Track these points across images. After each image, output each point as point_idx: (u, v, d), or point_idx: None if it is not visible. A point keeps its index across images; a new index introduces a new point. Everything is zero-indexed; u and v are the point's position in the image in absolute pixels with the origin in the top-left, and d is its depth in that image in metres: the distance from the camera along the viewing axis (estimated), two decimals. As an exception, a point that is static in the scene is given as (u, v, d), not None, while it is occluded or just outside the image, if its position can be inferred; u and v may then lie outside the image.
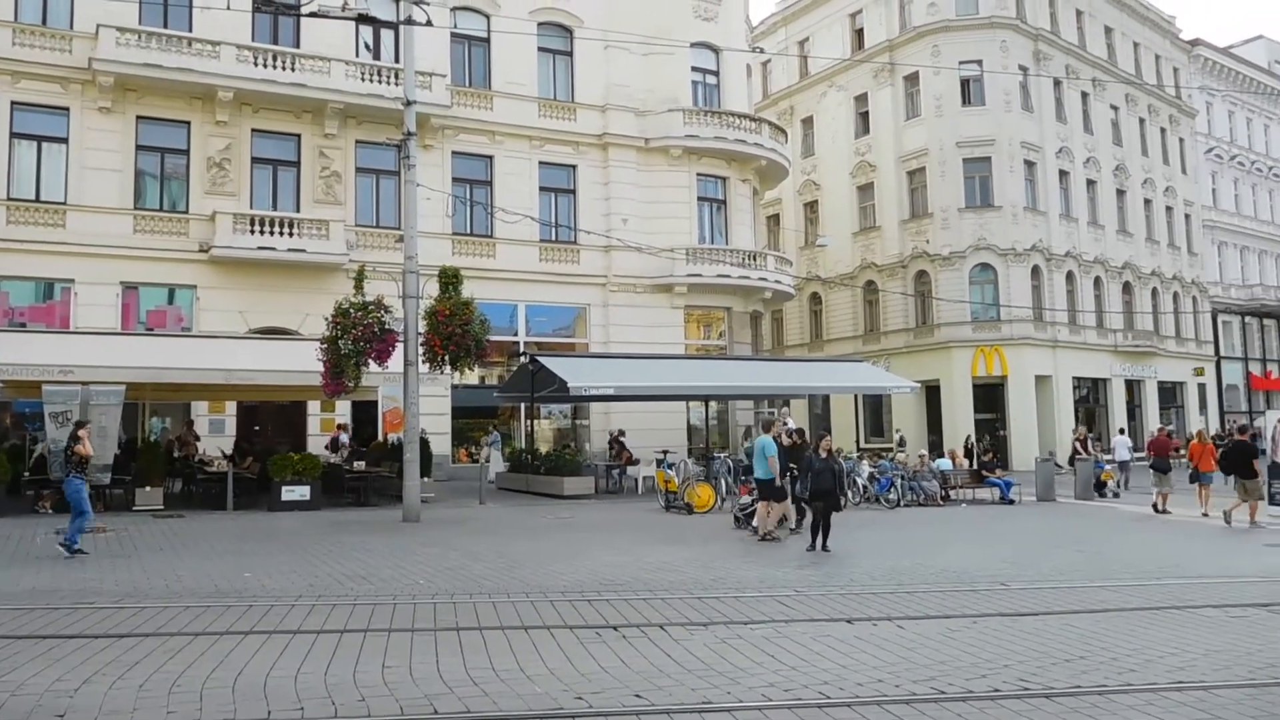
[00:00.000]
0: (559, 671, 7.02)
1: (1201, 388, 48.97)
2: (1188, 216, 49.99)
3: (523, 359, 25.12)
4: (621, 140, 30.10)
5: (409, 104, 19.13)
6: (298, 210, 25.88)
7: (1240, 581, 11.50)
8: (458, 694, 6.42)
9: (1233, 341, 52.48)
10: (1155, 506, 20.60)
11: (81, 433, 13.41)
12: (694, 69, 31.92)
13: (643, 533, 16.45)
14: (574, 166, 29.85)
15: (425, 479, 20.27)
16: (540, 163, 29.34)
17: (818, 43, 45.66)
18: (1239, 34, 67.08)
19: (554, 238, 29.42)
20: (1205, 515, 19.39)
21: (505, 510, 20.50)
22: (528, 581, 11.02)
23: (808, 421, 43.03)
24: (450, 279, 18.77)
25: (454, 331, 18.02)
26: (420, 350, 18.31)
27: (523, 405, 28.03)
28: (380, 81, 26.14)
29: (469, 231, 28.31)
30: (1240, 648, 7.83)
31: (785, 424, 18.37)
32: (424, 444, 20.16)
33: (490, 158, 28.65)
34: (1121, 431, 34.60)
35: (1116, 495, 24.97)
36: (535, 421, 28.52)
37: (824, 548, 13.88)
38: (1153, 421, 42.64)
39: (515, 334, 28.67)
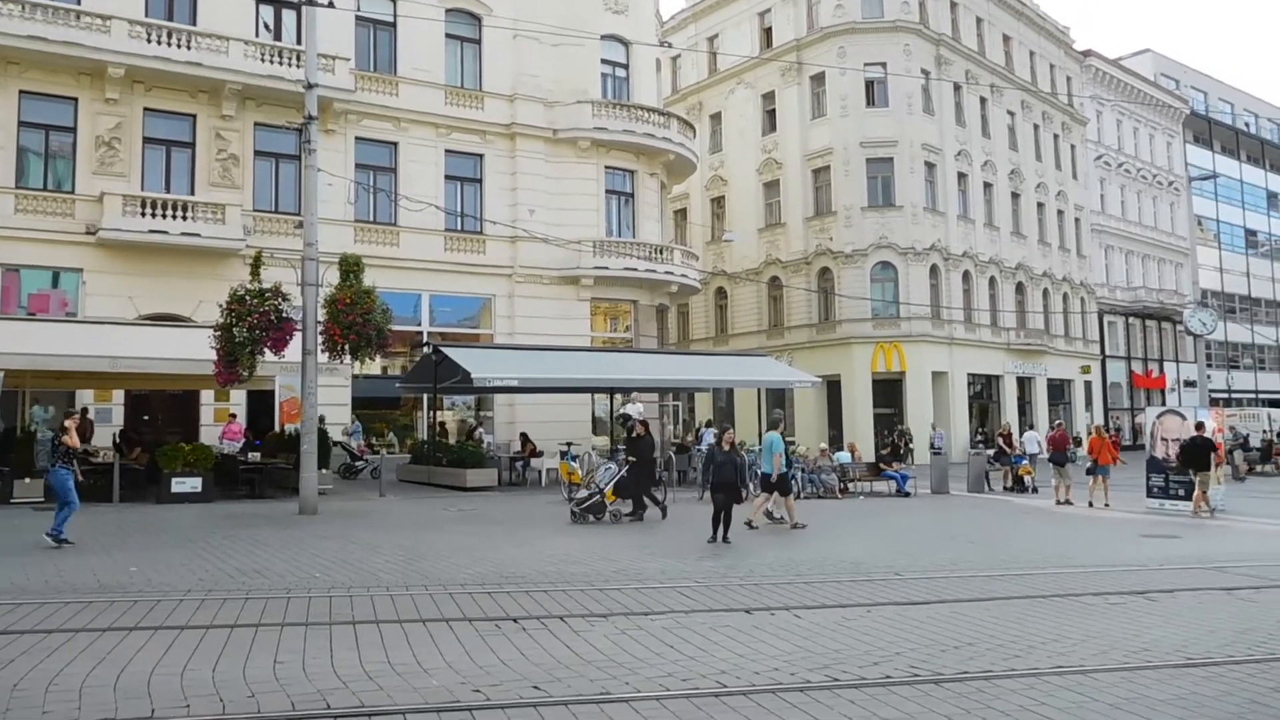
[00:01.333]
0: (457, 665, 6.95)
1: (1088, 385, 50.95)
2: (1077, 220, 51.89)
3: (426, 349, 24.76)
4: (530, 131, 29.87)
5: (310, 87, 18.65)
6: (192, 193, 25.02)
7: (1119, 570, 11.99)
8: (352, 689, 6.29)
9: (1117, 341, 54.69)
10: (1058, 501, 21.49)
11: (69, 423, 13.10)
12: (604, 61, 31.84)
13: (545, 525, 16.39)
14: (481, 156, 29.51)
15: (323, 471, 19.87)
16: (446, 151, 28.92)
17: (727, 40, 46.06)
18: (1128, 46, 69.99)
19: (460, 227, 29.07)
20: (1106, 506, 20.60)
21: (406, 503, 20.19)
22: (427, 575, 10.87)
23: (712, 414, 43.56)
24: (351, 267, 18.39)
25: (355, 321, 17.66)
26: (319, 339, 17.90)
27: (425, 396, 27.65)
28: (281, 63, 25.43)
29: (372, 219, 27.76)
30: (1117, 633, 8.16)
31: (632, 414, 18.53)
32: (322, 435, 19.75)
33: (395, 144, 28.12)
34: (1031, 428, 35.88)
35: (1036, 490, 24.58)
36: (438, 413, 28.14)
37: (725, 539, 14.01)
38: (1042, 417, 44.24)
39: (419, 324, 28.22)
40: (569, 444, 23.56)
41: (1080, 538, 15.83)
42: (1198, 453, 19.47)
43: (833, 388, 39.31)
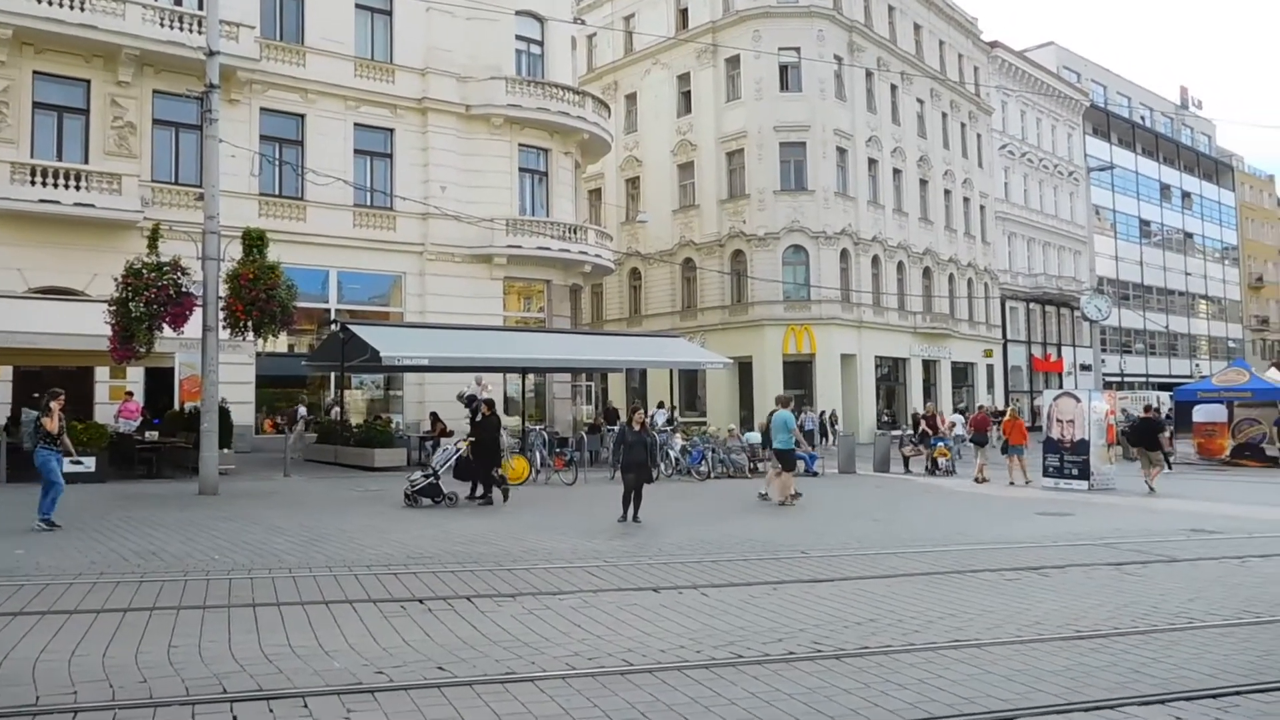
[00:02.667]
0: (359, 646, 6.84)
1: (990, 368, 52.46)
2: (982, 208, 53.24)
3: (333, 327, 24.26)
4: (442, 106, 29.38)
5: (212, 54, 18.02)
6: (86, 162, 23.98)
7: (1014, 547, 12.38)
8: (250, 672, 6.15)
9: (1018, 326, 56.37)
10: (977, 478, 22.14)
11: (54, 404, 12.62)
12: (518, 38, 31.46)
13: (453, 506, 16.22)
14: (391, 130, 28.93)
15: (225, 450, 19.34)
16: (356, 125, 28.27)
17: (643, 20, 45.94)
18: (1033, 39, 71.82)
19: (369, 203, 28.48)
20: (1028, 483, 21.59)
21: (311, 483, 19.80)
22: (331, 556, 10.67)
23: (624, 395, 43.66)
24: (255, 241, 17.89)
25: (258, 297, 17.20)
26: (221, 315, 17.39)
27: (333, 375, 27.12)
28: (181, 28, 24.50)
29: (278, 193, 27.00)
30: (1011, 608, 8.42)
31: (480, 394, 18.34)
32: (224, 414, 19.21)
33: (302, 116, 27.39)
34: (957, 409, 36.82)
35: (950, 473, 24.63)
36: (346, 391, 27.64)
37: (635, 519, 14.06)
38: (947, 399, 45.38)
39: (326, 301, 27.61)
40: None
41: (979, 516, 16.30)
42: (1147, 432, 21.45)
43: (744, 369, 39.74)
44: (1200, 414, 30.19)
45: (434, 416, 26.45)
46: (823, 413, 36.48)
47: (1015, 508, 17.49)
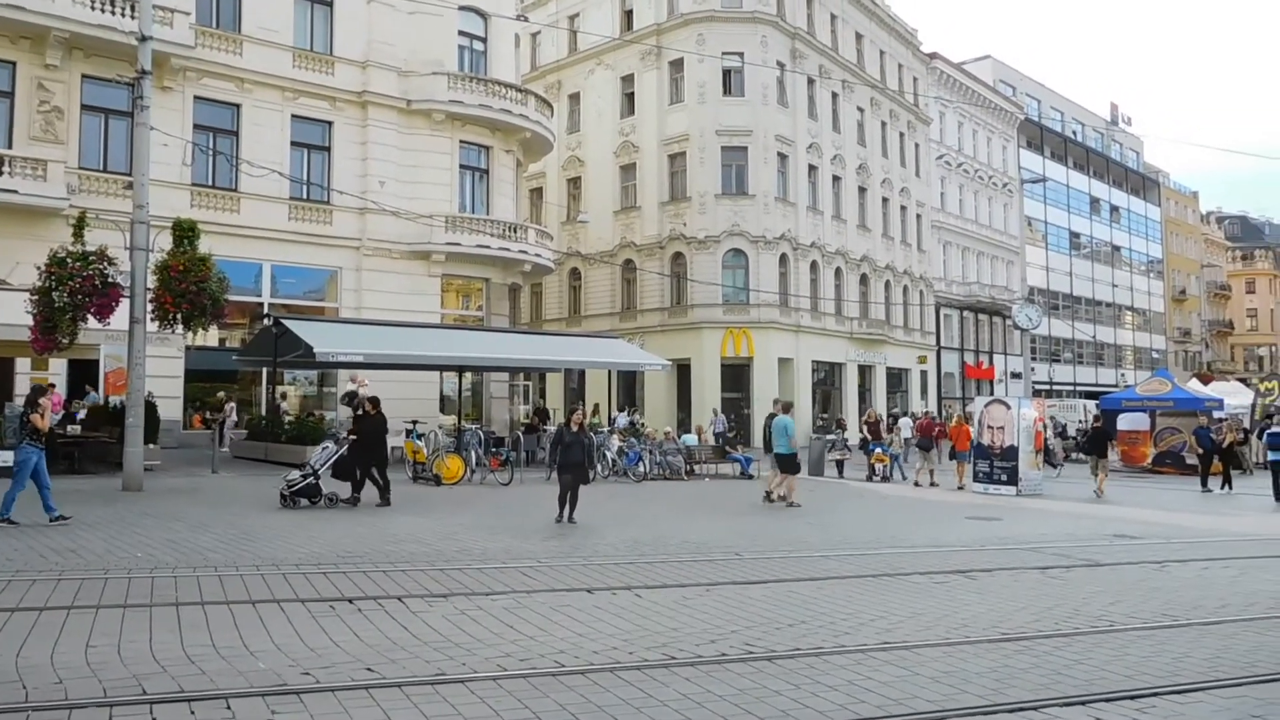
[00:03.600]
0: (286, 647, 6.71)
1: (924, 374, 53.26)
2: (919, 216, 54.06)
3: (266, 321, 23.82)
4: (382, 100, 29.00)
5: (144, 39, 17.59)
6: (10, 147, 23.23)
7: (943, 551, 12.58)
8: (171, 673, 5.99)
9: (952, 333, 57.34)
10: (917, 482, 22.40)
11: (43, 400, 12.52)
12: (461, 33, 31.19)
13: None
14: (330, 123, 28.48)
15: (151, 445, 18.87)
16: (293, 116, 27.78)
17: (588, 19, 45.85)
18: (971, 52, 73.24)
19: (306, 196, 28.01)
20: (961, 488, 21.95)
21: (240, 480, 19.42)
22: (259, 554, 10.47)
23: (562, 395, 43.54)
24: (186, 232, 17.50)
25: (188, 289, 16.83)
26: (149, 307, 16.98)
27: (265, 370, 26.63)
28: (113, 12, 23.84)
29: (211, 183, 26.42)
30: (940, 611, 8.55)
31: (359, 390, 17.98)
32: (150, 408, 18.75)
33: (238, 106, 26.84)
34: (908, 415, 37.28)
35: (886, 479, 24.50)
36: (278, 387, 27.16)
37: (570, 519, 14.02)
38: (881, 405, 45.98)
39: (259, 295, 27.07)
40: (415, 422, 23.09)
41: (909, 519, 16.54)
42: (1099, 440, 23.17)
43: (682, 371, 39.85)
44: (1124, 422, 31.03)
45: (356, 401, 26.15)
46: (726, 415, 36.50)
47: (945, 512, 17.78)
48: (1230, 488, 23.51)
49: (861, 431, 26.62)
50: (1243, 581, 10.57)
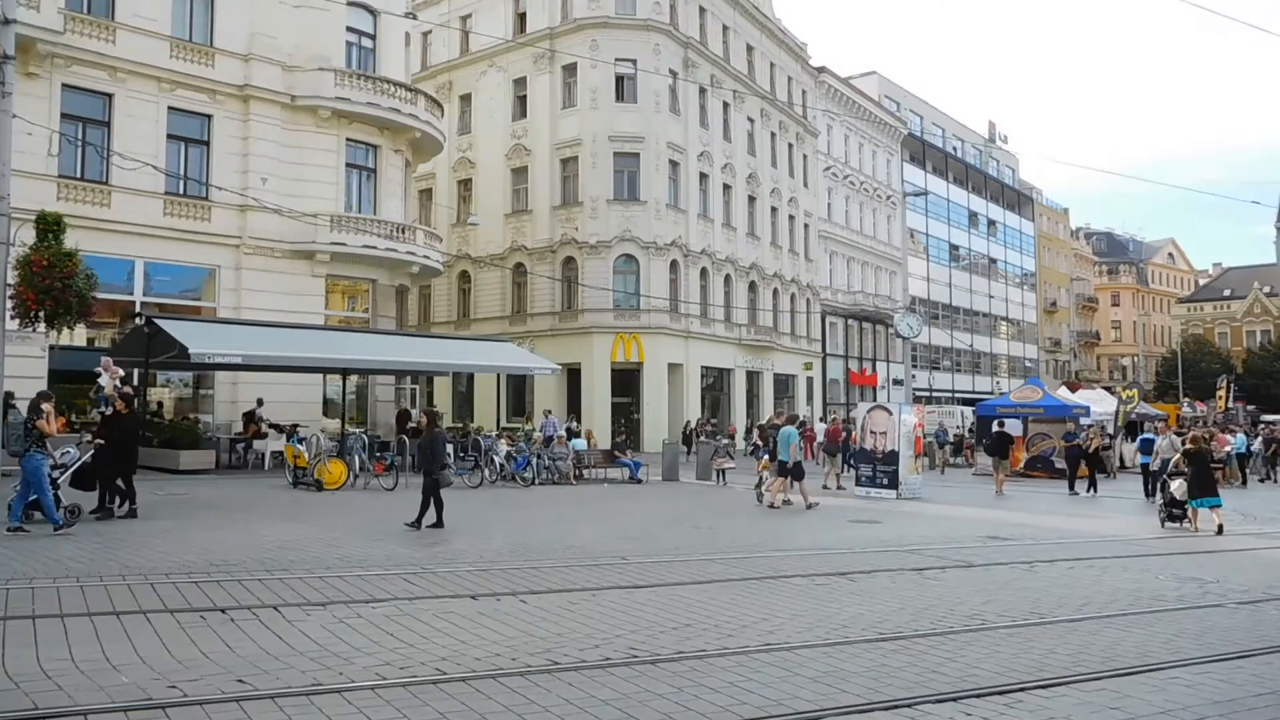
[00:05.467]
0: (152, 660, 6.44)
1: (810, 381, 54.34)
2: (806, 226, 55.17)
3: (138, 320, 22.82)
4: (265, 94, 28.12)
5: (7, 22, 16.61)
6: None
7: (825, 554, 12.82)
8: (25, 689, 5.69)
9: (837, 340, 58.65)
10: (825, 485, 22.72)
11: (46, 406, 12.34)
12: (349, 29, 30.47)
13: (265, 510, 15.59)
14: (209, 116, 27.46)
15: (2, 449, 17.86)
16: (170, 108, 26.66)
17: (480, 20, 45.46)
18: (858, 67, 75.18)
19: (182, 191, 26.93)
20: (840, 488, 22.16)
21: (109, 486, 18.52)
22: (125, 563, 10.03)
23: (450, 399, 42.99)
24: (51, 226, 16.66)
25: (52, 286, 16.02)
26: (9, 305, 16.09)
27: (136, 371, 25.48)
28: (-26, -8, 22.56)
29: (80, 176, 25.15)
30: (821, 612, 8.71)
31: (110, 382, 16.84)
32: (9, 410, 17.76)
33: (110, 96, 25.63)
34: (822, 419, 37.81)
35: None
36: (151, 389, 26.05)
37: (437, 523, 13.58)
38: (768, 411, 46.72)
39: (131, 293, 25.89)
40: (296, 426, 22.49)
41: (793, 523, 16.83)
42: (1000, 444, 25.28)
43: (573, 375, 39.80)
44: (1015, 427, 32.16)
45: (248, 417, 25.36)
46: (699, 419, 36.68)
47: (828, 516, 18.14)
48: (1095, 491, 24.61)
49: (753, 438, 26.87)
50: (1105, 580, 11.06)
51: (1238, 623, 8.81)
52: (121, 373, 16.84)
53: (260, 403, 24.97)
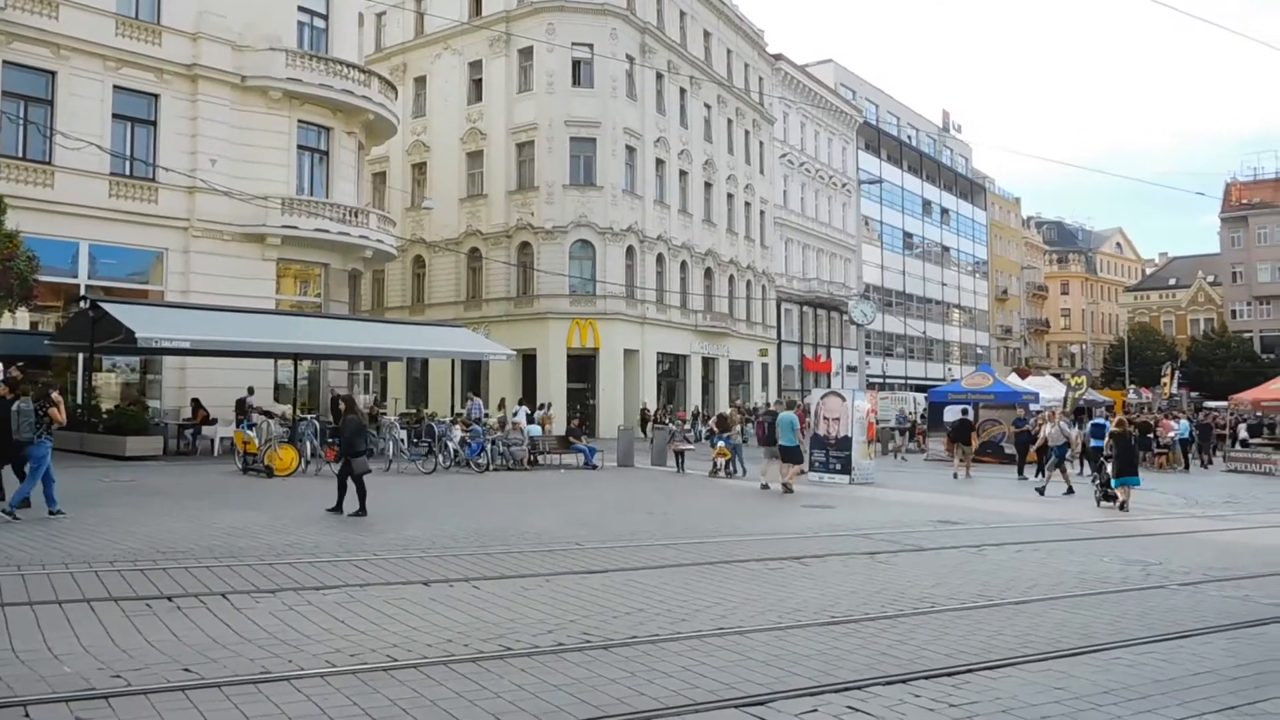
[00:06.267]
0: (96, 649, 6.32)
1: (765, 367, 54.63)
2: (762, 213, 55.36)
3: (82, 304, 22.34)
4: (214, 74, 27.58)
5: (-56, -5, 16.21)
6: None
7: (779, 538, 12.91)
8: (-39, 681, 5.54)
9: (792, 327, 59.00)
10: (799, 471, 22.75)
11: (56, 395, 12.95)
12: (301, 9, 29.99)
13: (214, 497, 15.36)
14: (157, 96, 26.87)
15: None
16: (116, 87, 26.06)
17: (435, 2, 44.91)
18: (814, 55, 75.42)
19: (129, 172, 26.38)
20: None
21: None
22: (70, 551, 9.82)
23: (404, 385, 42.67)
24: (-9, 206, 16.25)
25: (-8, 267, 15.64)
26: (-53, 286, 15.70)
27: (81, 356, 25.01)
28: (-91, -36, 21.90)
29: (21, 155, 24.51)
30: (773, 596, 8.76)
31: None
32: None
33: (53, 74, 24.99)
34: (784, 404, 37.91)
35: (733, 474, 23.64)
36: (96, 375, 25.55)
37: (360, 510, 13.34)
38: (724, 396, 46.92)
39: (76, 276, 25.34)
40: (282, 414, 22.23)
41: (747, 508, 16.92)
42: (964, 430, 25.88)
43: (528, 361, 39.65)
44: (950, 414, 32.55)
45: (195, 403, 24.99)
46: (667, 407, 36.70)
47: (783, 501, 18.27)
48: (1045, 476, 24.97)
49: (709, 425, 26.88)
50: (1051, 563, 11.25)
51: (1179, 604, 9.01)
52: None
53: (251, 390, 24.52)
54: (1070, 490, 20.70)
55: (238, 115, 28.00)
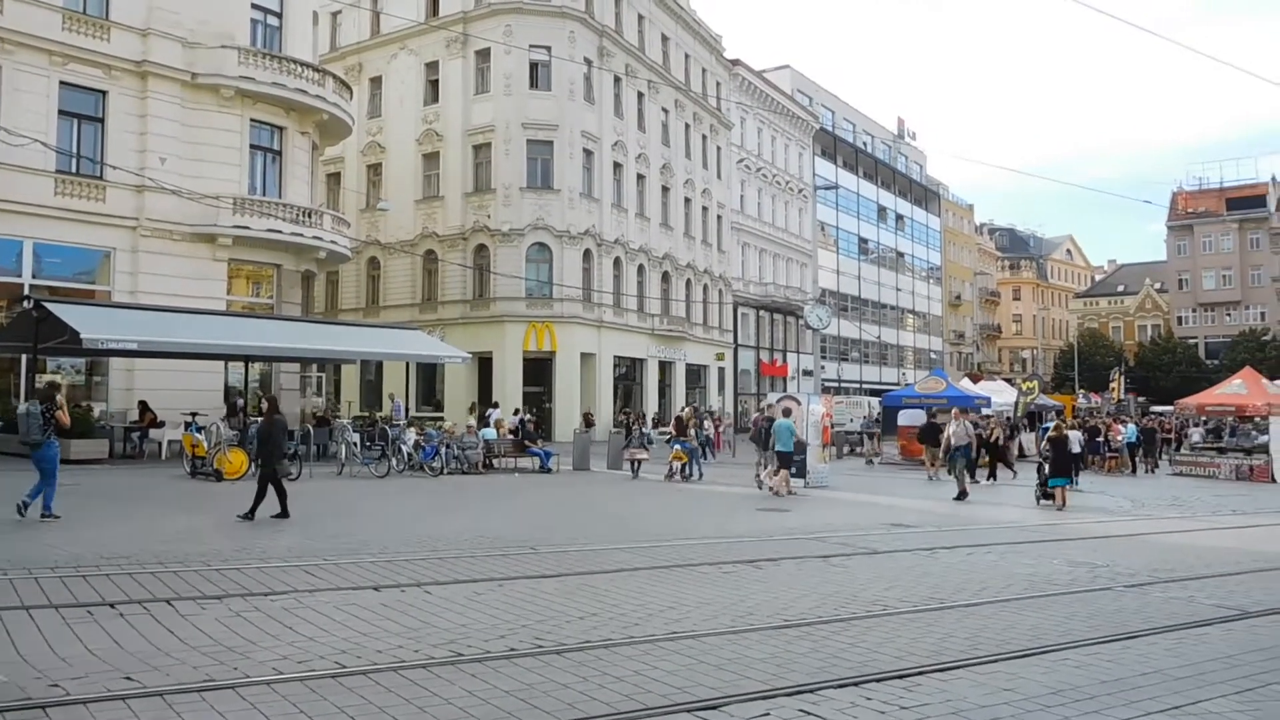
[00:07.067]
0: (33, 657, 6.16)
1: (721, 371, 54.77)
2: (719, 218, 55.54)
3: (25, 304, 21.85)
4: (164, 71, 27.10)
5: (-118, -14, 15.77)
6: None
7: (733, 542, 12.93)
8: (-110, 692, 5.36)
9: (749, 331, 59.23)
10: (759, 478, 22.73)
11: (60, 397, 13.23)
12: (255, 6, 29.59)
13: (161, 501, 15.10)
14: (105, 93, 26.35)
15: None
16: (62, 83, 25.53)
17: (391, 2, 44.56)
18: (771, 61, 75.73)
19: (75, 170, 25.86)
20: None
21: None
22: (8, 556, 9.57)
23: (358, 388, 42.25)
24: (-70, 203, 15.81)
25: (-68, 265, 15.22)
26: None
27: (25, 357, 24.43)
28: None
29: (-38, 152, 23.98)
30: (727, 599, 8.75)
31: None
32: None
33: (-3, 69, 24.47)
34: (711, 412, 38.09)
35: (689, 477, 23.48)
36: (40, 376, 24.96)
37: (281, 513, 13.10)
38: (680, 400, 46.96)
39: (19, 276, 24.79)
40: (195, 414, 21.82)
41: (702, 512, 16.94)
42: (931, 432, 26.20)
43: (484, 364, 39.42)
44: (904, 418, 32.86)
45: (143, 405, 24.54)
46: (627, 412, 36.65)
47: (738, 504, 18.31)
48: (995, 480, 25.30)
49: (668, 428, 26.79)
50: (1001, 566, 11.37)
51: (1125, 605, 9.13)
52: None
53: (240, 394, 24.08)
54: (962, 494, 20.03)
55: (188, 113, 27.56)
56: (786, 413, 21.05)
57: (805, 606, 8.55)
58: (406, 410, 32.23)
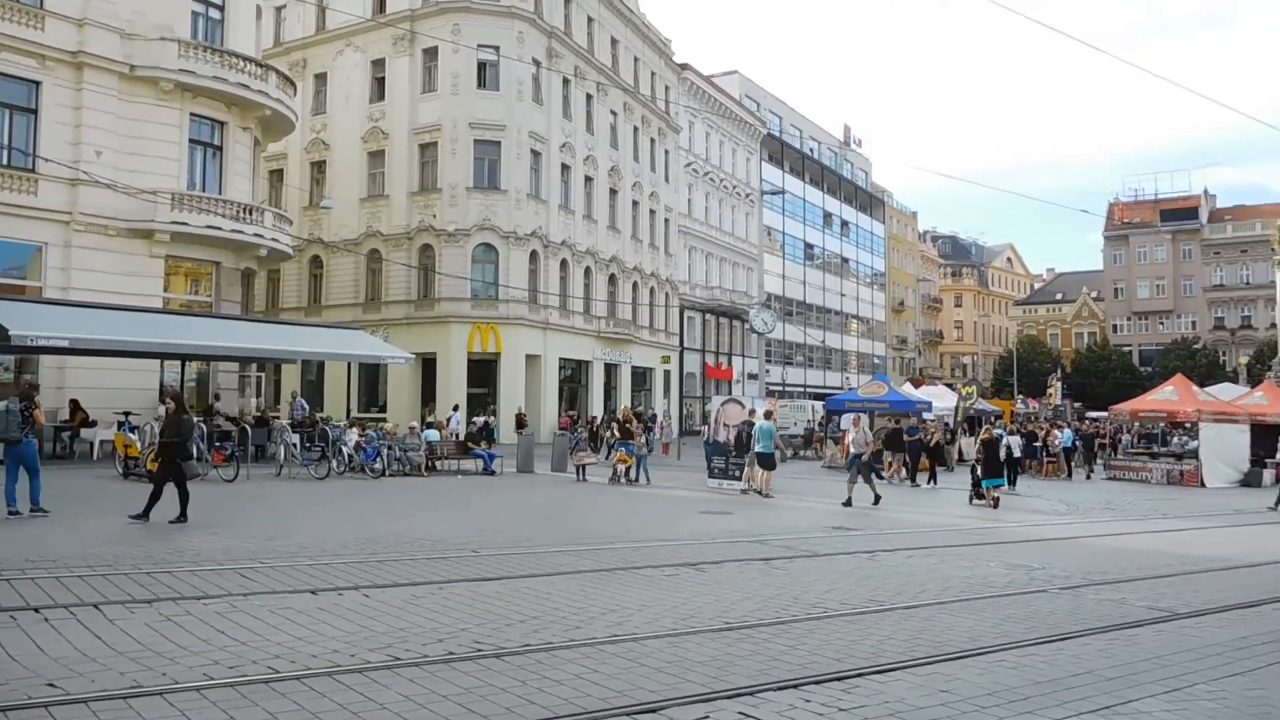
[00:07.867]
0: (-51, 664, 5.94)
1: (667, 374, 54.84)
2: (667, 221, 55.66)
3: (-48, 299, 21.20)
4: (101, 63, 26.44)
5: None
6: None
7: (676, 544, 12.93)
8: None
9: (694, 334, 59.41)
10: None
11: (38, 397, 13.95)
12: (196, -1, 29.10)
13: (91, 503, 14.72)
14: (37, 83, 25.64)
15: None
16: (-8, 72, 24.86)
17: (337, -3, 43.99)
18: (720, 66, 75.94)
19: (5, 161, 25.12)
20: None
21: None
22: (-73, 560, 9.26)
23: (300, 387, 41.61)
24: None
25: None
26: None
27: (-49, 354, 23.73)
28: None
29: (-113, 140, 23.23)
30: (669, 602, 8.74)
31: None
32: None
33: (-78, 55, 23.73)
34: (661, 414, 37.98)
35: (634, 481, 23.20)
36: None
37: (180, 517, 12.76)
38: (625, 402, 46.95)
39: (-53, 270, 24.12)
40: (128, 414, 21.32)
41: (645, 514, 16.93)
42: (896, 437, 27.18)
43: (428, 365, 39.08)
44: (847, 422, 33.14)
45: (74, 404, 23.93)
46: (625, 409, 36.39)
47: (680, 507, 18.33)
48: (935, 483, 25.65)
49: (612, 430, 26.52)
50: (941, 569, 11.50)
51: (1059, 606, 9.28)
52: None
53: (218, 397, 23.50)
54: (848, 502, 19.37)
55: (125, 106, 26.94)
56: (768, 415, 21.29)
57: (747, 609, 8.56)
58: (310, 410, 31.81)
